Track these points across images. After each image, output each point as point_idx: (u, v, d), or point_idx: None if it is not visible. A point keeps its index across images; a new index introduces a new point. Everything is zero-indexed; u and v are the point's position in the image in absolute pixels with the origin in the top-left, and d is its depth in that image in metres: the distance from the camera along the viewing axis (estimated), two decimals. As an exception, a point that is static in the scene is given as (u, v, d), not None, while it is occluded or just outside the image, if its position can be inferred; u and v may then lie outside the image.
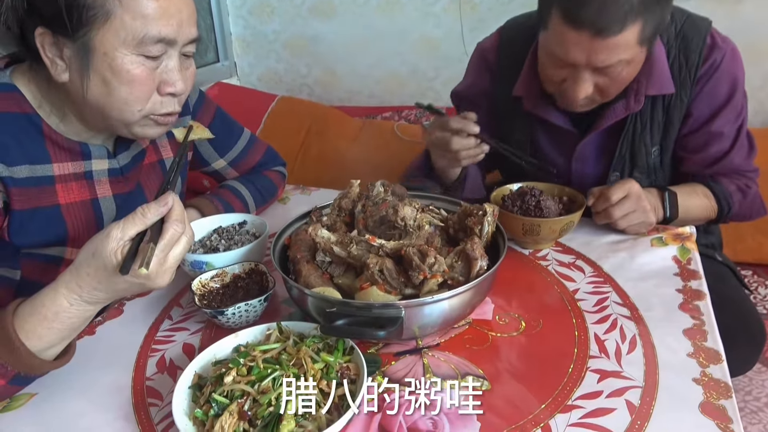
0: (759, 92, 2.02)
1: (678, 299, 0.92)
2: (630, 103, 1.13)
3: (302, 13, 2.55)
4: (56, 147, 0.90)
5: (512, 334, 0.86)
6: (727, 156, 1.19)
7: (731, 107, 1.15)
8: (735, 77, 1.14)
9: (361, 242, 0.84)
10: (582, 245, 1.10)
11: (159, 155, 1.08)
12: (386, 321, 0.75)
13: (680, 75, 1.13)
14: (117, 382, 0.80)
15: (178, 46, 0.86)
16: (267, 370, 0.70)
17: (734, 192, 1.21)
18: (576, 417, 0.70)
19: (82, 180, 0.94)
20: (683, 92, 1.14)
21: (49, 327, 0.71)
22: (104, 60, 0.81)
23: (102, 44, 0.80)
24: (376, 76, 2.55)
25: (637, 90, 1.12)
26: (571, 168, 1.25)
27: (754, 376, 1.40)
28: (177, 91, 0.88)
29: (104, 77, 0.82)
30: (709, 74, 1.13)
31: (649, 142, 1.18)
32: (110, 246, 0.68)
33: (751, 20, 1.95)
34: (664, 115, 1.16)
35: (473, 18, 2.25)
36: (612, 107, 1.14)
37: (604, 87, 1.05)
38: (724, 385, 0.74)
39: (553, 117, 1.19)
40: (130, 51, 0.81)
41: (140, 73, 0.83)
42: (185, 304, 0.97)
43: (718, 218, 1.23)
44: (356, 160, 2.17)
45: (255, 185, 1.24)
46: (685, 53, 1.13)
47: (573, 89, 1.05)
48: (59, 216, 0.91)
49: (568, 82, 1.05)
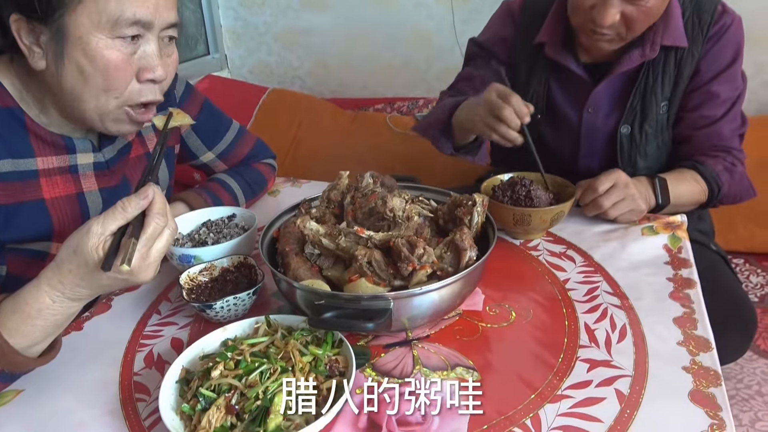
0: (752, 81, 1.99)
1: (668, 288, 0.92)
2: (646, 50, 1.16)
3: (293, 4, 2.53)
4: (40, 141, 0.89)
5: (502, 325, 0.86)
6: (716, 123, 1.21)
7: (731, 74, 1.19)
8: (739, 45, 1.19)
9: (349, 234, 0.84)
10: (573, 235, 1.10)
11: (145, 148, 1.07)
12: (375, 313, 0.74)
13: (693, 32, 1.18)
14: (104, 378, 0.79)
15: (155, 30, 0.83)
16: (254, 363, 0.69)
17: (721, 171, 1.21)
18: (566, 407, 0.70)
19: (67, 174, 0.93)
20: (695, 48, 1.18)
21: (32, 324, 0.70)
22: (78, 44, 0.79)
23: (76, 28, 0.78)
24: (368, 68, 2.54)
25: (653, 39, 1.16)
26: (582, 120, 1.27)
27: (745, 363, 1.40)
28: (157, 77, 0.86)
29: (79, 63, 0.80)
30: (719, 35, 1.17)
31: (660, 94, 1.21)
32: (91, 242, 0.66)
33: (744, 9, 1.94)
34: (676, 68, 1.20)
35: (465, 9, 2.24)
36: (628, 54, 1.18)
37: (630, 17, 1.08)
38: (714, 373, 0.74)
39: (571, 63, 1.24)
40: (105, 34, 0.79)
41: (116, 58, 0.81)
42: (174, 299, 0.96)
43: (709, 200, 1.23)
44: (348, 152, 2.17)
45: (244, 178, 1.23)
46: (698, 13, 1.18)
47: (601, 14, 1.07)
48: (44, 210, 0.90)
49: (597, 7, 1.08)
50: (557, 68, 1.27)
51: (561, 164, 1.18)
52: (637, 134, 1.23)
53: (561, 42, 1.24)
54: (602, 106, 1.25)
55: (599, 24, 1.09)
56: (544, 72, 1.29)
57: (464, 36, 1.39)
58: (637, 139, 1.23)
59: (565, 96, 1.30)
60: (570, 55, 1.24)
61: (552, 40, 1.25)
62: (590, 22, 1.11)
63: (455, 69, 1.43)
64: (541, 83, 1.30)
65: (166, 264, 1.06)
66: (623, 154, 1.24)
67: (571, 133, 1.29)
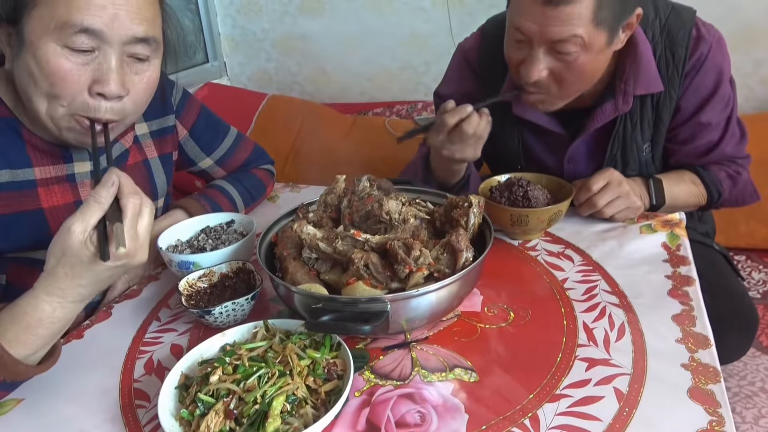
0: (749, 78, 2.02)
1: (667, 285, 0.92)
2: (618, 103, 1.12)
3: (291, 11, 2.54)
4: (37, 151, 0.90)
5: (501, 325, 0.86)
6: (718, 146, 1.18)
7: (718, 98, 1.14)
8: (721, 68, 1.13)
9: (346, 237, 0.84)
10: (571, 234, 1.10)
11: (143, 155, 1.08)
12: (372, 315, 0.74)
13: (668, 71, 1.12)
14: (105, 385, 0.79)
15: (113, 43, 0.79)
16: (252, 368, 0.70)
17: (724, 179, 1.20)
18: (564, 406, 0.70)
19: (65, 183, 0.93)
20: (672, 89, 1.12)
21: (33, 333, 0.70)
22: (30, 49, 0.78)
23: (30, 32, 0.78)
24: (366, 73, 2.54)
25: (625, 90, 1.11)
26: (563, 169, 1.24)
27: (748, 360, 1.40)
28: (107, 93, 0.80)
29: (29, 66, 0.79)
30: (697, 68, 1.11)
31: (640, 140, 1.17)
32: (77, 240, 0.66)
33: (739, 6, 1.95)
34: (654, 112, 1.15)
35: (462, 12, 2.24)
36: (601, 108, 1.13)
37: (559, 73, 1.03)
38: (713, 369, 0.73)
39: (542, 120, 1.18)
40: (54, 40, 0.77)
41: (62, 65, 0.78)
42: (173, 305, 0.97)
43: (709, 204, 1.22)
44: (348, 157, 2.17)
45: (243, 184, 1.23)
46: (671, 48, 1.11)
47: (528, 69, 1.03)
48: (43, 220, 0.91)
49: (525, 63, 1.04)
50: (528, 122, 1.21)
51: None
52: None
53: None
54: (582, 157, 1.22)
55: (525, 80, 1.04)
56: (515, 126, 1.24)
57: (460, 38, 1.38)
58: None
59: (542, 147, 1.25)
60: (538, 111, 1.17)
61: (517, 98, 1.16)
62: (521, 78, 1.07)
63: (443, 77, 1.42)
64: (513, 138, 1.26)
65: (165, 271, 1.07)
66: None
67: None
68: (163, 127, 1.12)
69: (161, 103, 1.09)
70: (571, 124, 1.19)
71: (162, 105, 1.10)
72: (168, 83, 1.12)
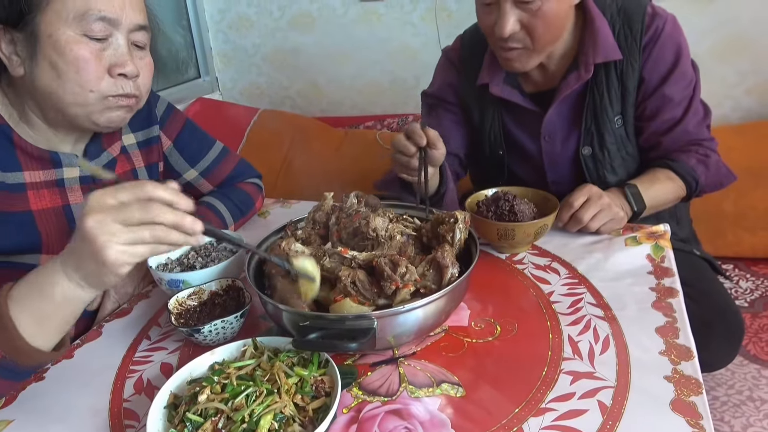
0: (735, 89, 2.04)
1: (651, 297, 0.93)
2: (581, 73, 1.19)
3: (282, 26, 2.57)
4: (27, 156, 0.92)
5: (488, 340, 0.87)
6: (680, 123, 1.23)
7: (679, 73, 1.20)
8: (678, 43, 1.20)
9: (333, 255, 0.85)
10: (558, 247, 1.11)
11: (131, 164, 1.10)
12: (359, 332, 0.75)
13: (627, 43, 1.19)
14: (95, 405, 0.79)
15: (123, 29, 0.88)
16: (240, 387, 0.70)
17: (696, 165, 1.23)
18: (549, 420, 0.70)
19: (54, 188, 0.96)
20: (632, 59, 1.20)
21: (39, 307, 0.70)
22: (49, 42, 0.84)
23: (46, 27, 0.83)
24: (357, 86, 2.57)
25: (585, 61, 1.19)
26: (542, 149, 1.30)
27: (736, 369, 1.41)
28: (128, 72, 0.89)
29: (51, 60, 0.85)
30: (654, 40, 1.19)
31: (610, 110, 1.23)
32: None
33: (723, 19, 1.98)
34: (619, 82, 1.22)
35: (450, 25, 2.27)
36: (566, 79, 1.21)
37: (529, 26, 1.11)
38: (695, 381, 0.75)
39: (517, 98, 1.27)
40: (73, 30, 0.84)
41: (85, 52, 0.85)
42: (163, 324, 0.97)
43: (689, 194, 1.25)
44: (340, 171, 2.18)
45: (230, 199, 1.24)
46: (628, 24, 1.19)
47: (500, 25, 1.10)
48: (32, 222, 0.93)
49: (497, 22, 1.11)
50: (506, 104, 1.30)
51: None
52: (599, 153, 1.26)
53: (503, 79, 1.27)
54: (557, 132, 1.28)
55: (500, 35, 1.12)
56: (494, 110, 1.33)
57: (450, 52, 1.43)
58: (600, 157, 1.26)
59: (520, 128, 1.33)
60: (514, 89, 1.27)
61: (494, 79, 1.27)
62: (498, 39, 1.14)
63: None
64: (494, 120, 1.34)
65: (155, 289, 1.08)
66: (591, 174, 1.27)
67: (534, 162, 1.33)
68: (148, 138, 1.15)
69: (146, 114, 1.13)
70: (542, 101, 1.27)
71: (147, 116, 1.13)
72: (153, 96, 1.15)
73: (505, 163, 1.36)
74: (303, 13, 2.51)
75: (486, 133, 1.35)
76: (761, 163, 1.79)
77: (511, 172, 1.38)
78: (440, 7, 2.27)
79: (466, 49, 1.37)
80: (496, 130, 1.34)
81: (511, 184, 1.11)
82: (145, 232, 0.65)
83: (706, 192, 1.29)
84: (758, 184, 1.79)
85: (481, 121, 1.35)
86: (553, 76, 1.26)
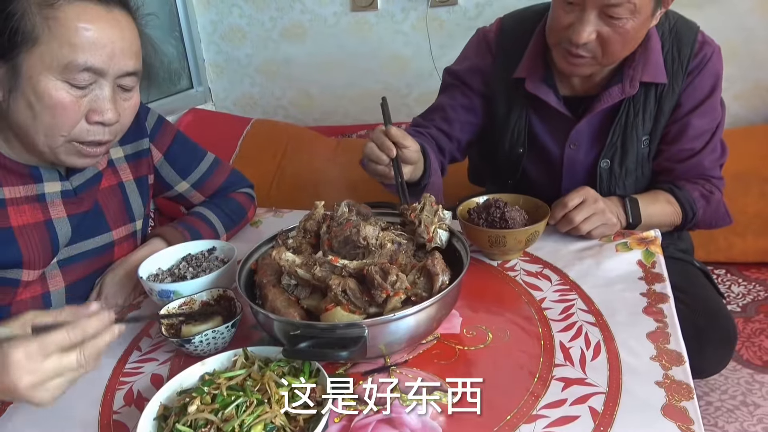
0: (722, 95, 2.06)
1: (642, 303, 0.94)
2: (625, 87, 1.17)
3: (273, 36, 2.58)
4: (6, 171, 0.92)
5: (479, 347, 0.87)
6: (697, 155, 1.22)
7: (710, 106, 1.20)
8: (719, 76, 1.20)
9: (324, 263, 0.85)
10: (549, 254, 1.11)
11: (118, 178, 1.10)
12: (350, 341, 0.75)
13: (673, 66, 1.18)
14: (84, 419, 0.79)
15: (109, 77, 0.86)
16: (231, 397, 0.70)
17: (698, 198, 1.23)
18: (541, 426, 0.70)
19: (35, 203, 0.95)
20: (675, 83, 1.19)
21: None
22: (29, 83, 0.83)
23: (28, 68, 0.82)
24: (349, 96, 2.58)
25: (632, 75, 1.17)
26: (564, 154, 1.28)
27: (729, 374, 1.41)
28: (106, 120, 0.88)
29: (29, 100, 0.84)
30: (699, 68, 1.18)
31: (640, 129, 1.22)
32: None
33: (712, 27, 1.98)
34: (656, 104, 1.20)
35: (441, 35, 2.28)
36: (608, 90, 1.19)
37: (606, 39, 1.07)
38: (686, 386, 0.75)
39: (551, 99, 1.23)
40: (55, 76, 0.83)
41: (64, 99, 0.84)
42: (154, 335, 0.97)
43: (684, 224, 1.25)
44: (333, 179, 2.18)
45: (222, 209, 1.24)
46: (678, 46, 1.18)
47: (577, 31, 1.07)
48: (12, 238, 0.92)
49: (573, 25, 1.08)
50: (537, 103, 1.25)
51: (542, 197, 1.16)
52: (617, 168, 1.24)
53: (541, 77, 1.23)
54: (583, 141, 1.26)
55: (574, 42, 1.08)
56: (523, 106, 1.28)
57: (441, 61, 1.42)
58: (616, 173, 1.25)
59: (547, 131, 1.29)
60: (550, 90, 1.22)
61: (532, 75, 1.23)
62: (566, 41, 1.11)
63: (434, 93, 1.45)
64: (521, 118, 1.29)
65: (146, 300, 1.07)
66: (602, 187, 1.26)
67: (553, 167, 1.30)
68: (137, 151, 1.14)
69: (135, 127, 1.12)
70: (577, 108, 1.24)
71: (136, 129, 1.12)
72: (143, 108, 1.14)
73: (522, 163, 1.32)
74: (295, 23, 2.52)
75: (510, 129, 1.30)
76: (749, 169, 1.81)
77: (525, 172, 1.34)
78: (431, 16, 2.28)
79: (505, 35, 1.30)
80: (521, 127, 1.29)
81: (522, 184, 1.09)
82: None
83: (699, 227, 1.29)
84: (747, 189, 1.80)
85: (507, 116, 1.30)
86: (594, 83, 1.22)
